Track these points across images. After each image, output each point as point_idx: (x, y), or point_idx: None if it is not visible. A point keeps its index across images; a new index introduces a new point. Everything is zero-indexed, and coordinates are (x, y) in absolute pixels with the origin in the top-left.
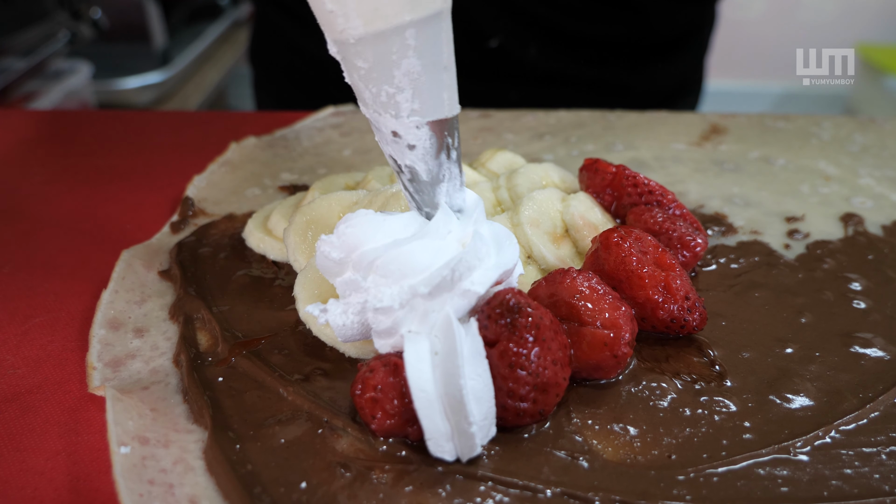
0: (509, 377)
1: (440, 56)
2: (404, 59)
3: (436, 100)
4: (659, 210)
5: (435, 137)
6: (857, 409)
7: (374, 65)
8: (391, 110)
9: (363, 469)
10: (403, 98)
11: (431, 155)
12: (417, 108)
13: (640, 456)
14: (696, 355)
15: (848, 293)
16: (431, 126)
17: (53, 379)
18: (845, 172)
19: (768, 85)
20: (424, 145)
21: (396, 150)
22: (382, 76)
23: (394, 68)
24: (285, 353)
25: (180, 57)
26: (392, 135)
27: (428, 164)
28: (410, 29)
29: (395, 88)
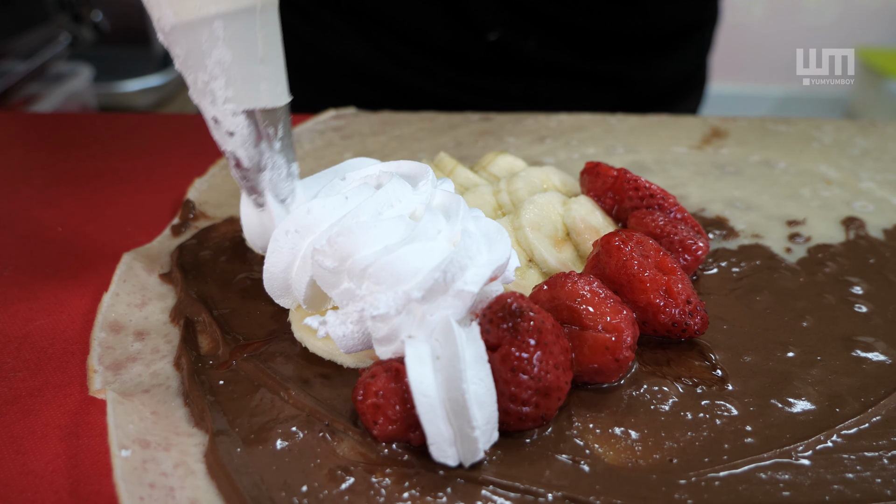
0: (511, 381)
1: (254, 49)
2: (214, 48)
3: (251, 89)
4: (660, 213)
5: (253, 126)
6: (858, 414)
7: (188, 53)
8: (208, 97)
9: (365, 473)
10: (217, 86)
11: (251, 143)
12: (231, 96)
13: (641, 460)
14: (698, 359)
15: (849, 297)
16: (248, 115)
17: (54, 382)
18: (846, 176)
19: (769, 88)
20: (242, 133)
21: (218, 135)
22: (196, 64)
23: (205, 57)
24: (286, 356)
25: None
26: (213, 121)
27: (248, 152)
28: (218, 21)
29: (208, 76)
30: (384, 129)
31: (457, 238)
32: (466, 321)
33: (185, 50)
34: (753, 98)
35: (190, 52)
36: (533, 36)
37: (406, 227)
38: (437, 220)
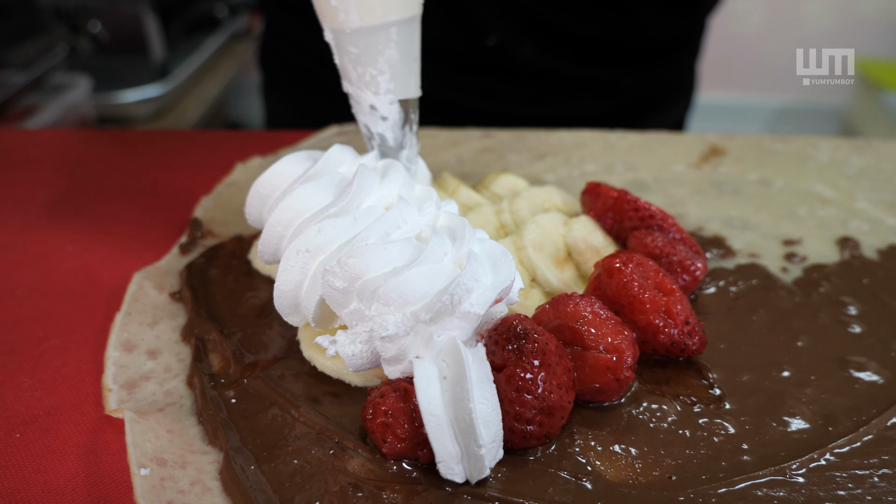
0: (516, 401)
1: (413, 50)
2: (387, 48)
3: (406, 83)
4: (660, 234)
5: (402, 112)
6: (850, 433)
7: (363, 51)
8: (372, 88)
9: (375, 490)
10: (383, 79)
11: (398, 126)
12: (392, 88)
13: (641, 477)
14: (696, 378)
15: (843, 317)
16: (401, 103)
17: (70, 401)
18: (842, 196)
19: (766, 99)
20: (394, 118)
21: (371, 120)
22: (368, 60)
23: (378, 55)
24: (296, 375)
25: (179, 70)
26: (370, 108)
27: (395, 133)
28: (394, 27)
29: (377, 71)
30: None
31: (463, 260)
32: (472, 342)
33: (360, 49)
34: (750, 109)
35: (365, 51)
36: (529, 41)
37: (413, 250)
38: (443, 243)
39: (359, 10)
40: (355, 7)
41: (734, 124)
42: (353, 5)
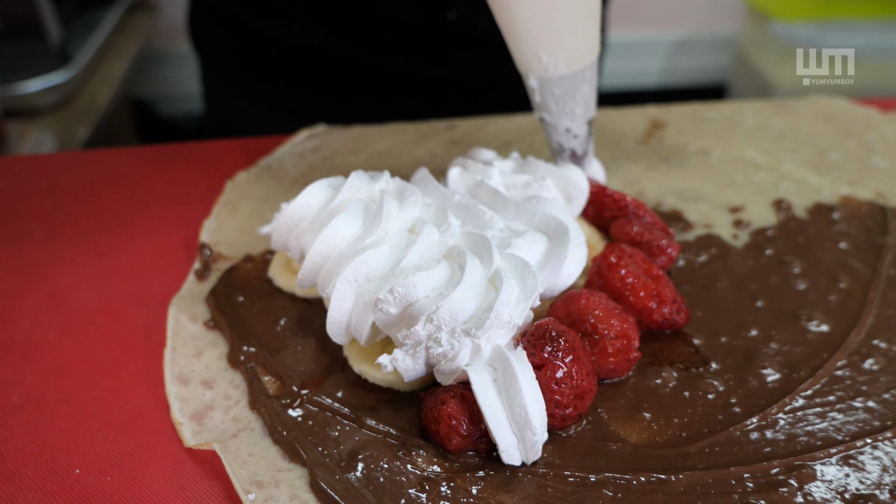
0: (556, 391)
1: (596, 80)
2: (583, 85)
3: (592, 106)
4: (636, 221)
5: (589, 129)
6: (810, 377)
7: (566, 91)
8: (569, 117)
9: (447, 481)
10: (578, 109)
11: (586, 139)
12: (583, 114)
13: (658, 437)
14: (684, 346)
15: (789, 276)
16: (588, 123)
17: (145, 439)
18: (770, 159)
19: (664, 33)
20: (583, 134)
21: (566, 138)
22: (568, 97)
23: (577, 92)
24: (347, 387)
25: (80, 52)
26: (566, 130)
27: (583, 146)
28: (589, 69)
29: (574, 104)
30: (360, 147)
31: (495, 277)
32: (511, 346)
33: (563, 90)
34: (651, 44)
35: (567, 91)
36: (484, 13)
37: (452, 273)
38: (475, 263)
39: (566, 63)
40: (564, 62)
41: (635, 61)
42: (562, 60)
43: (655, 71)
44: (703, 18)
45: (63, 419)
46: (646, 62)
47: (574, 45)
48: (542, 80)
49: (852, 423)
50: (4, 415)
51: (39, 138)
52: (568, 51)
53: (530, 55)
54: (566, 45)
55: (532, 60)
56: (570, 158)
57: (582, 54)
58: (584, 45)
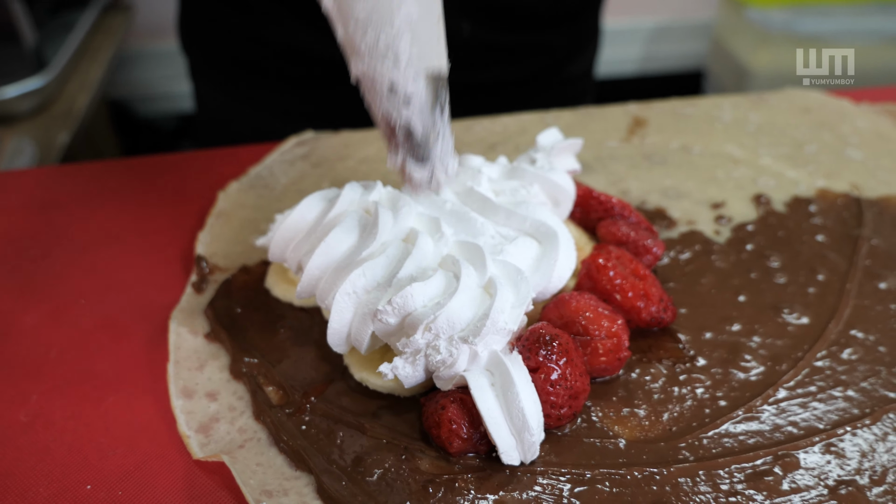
0: (551, 393)
1: (435, 6)
2: (403, 4)
3: (431, 49)
4: (622, 222)
5: (430, 90)
6: (792, 368)
7: (373, 9)
8: (390, 59)
9: (449, 482)
10: (402, 44)
11: (427, 109)
12: (415, 55)
13: (649, 433)
14: (671, 342)
15: (769, 271)
16: (427, 79)
17: (154, 453)
18: (748, 154)
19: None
20: (420, 98)
21: (393, 106)
22: (381, 20)
23: (393, 14)
24: (348, 394)
25: (56, 56)
26: (389, 89)
27: (423, 119)
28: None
29: (395, 33)
30: (348, 152)
31: (489, 285)
32: (507, 350)
33: (370, 7)
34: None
35: (375, 8)
36: (467, 20)
37: (448, 282)
38: (470, 272)
39: None
40: None
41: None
42: None
43: (634, 58)
44: (680, 5)
45: (71, 436)
46: (625, 50)
47: None
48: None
49: (833, 411)
50: (13, 434)
51: (18, 145)
52: None
53: None
54: None
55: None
56: (406, 146)
57: None
58: None
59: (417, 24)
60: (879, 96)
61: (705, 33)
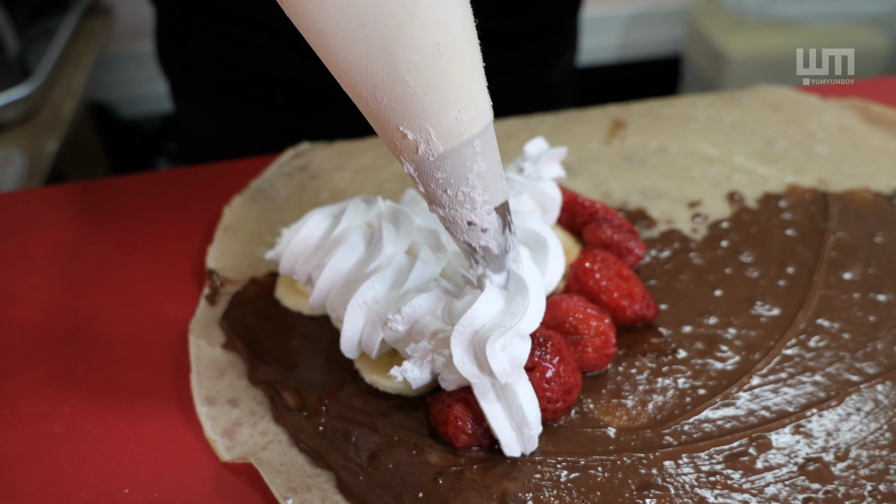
0: (547, 389)
1: (496, 154)
2: (475, 163)
3: (497, 189)
4: (606, 225)
5: (500, 218)
6: (764, 357)
7: (452, 173)
8: (468, 205)
9: (457, 473)
10: (477, 194)
11: (499, 232)
12: (487, 199)
13: (636, 421)
14: (653, 336)
15: (743, 266)
16: (497, 210)
17: (183, 457)
18: (722, 152)
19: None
20: (494, 226)
21: (472, 235)
22: (459, 180)
23: (468, 172)
24: (360, 396)
25: (40, 64)
26: (468, 224)
27: (498, 241)
28: (477, 140)
29: (469, 188)
30: (345, 163)
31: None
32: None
33: (448, 171)
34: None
35: (453, 172)
36: None
37: (451, 294)
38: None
39: (440, 136)
40: (436, 134)
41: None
42: (433, 134)
43: (613, 46)
44: None
45: (106, 444)
46: (603, 38)
47: (446, 112)
48: (417, 163)
49: (801, 395)
50: (51, 445)
51: (7, 155)
52: (438, 120)
53: (391, 132)
54: (431, 113)
55: (396, 139)
56: (484, 260)
57: (461, 122)
58: (462, 109)
59: (487, 174)
60: (846, 91)
61: (682, 19)
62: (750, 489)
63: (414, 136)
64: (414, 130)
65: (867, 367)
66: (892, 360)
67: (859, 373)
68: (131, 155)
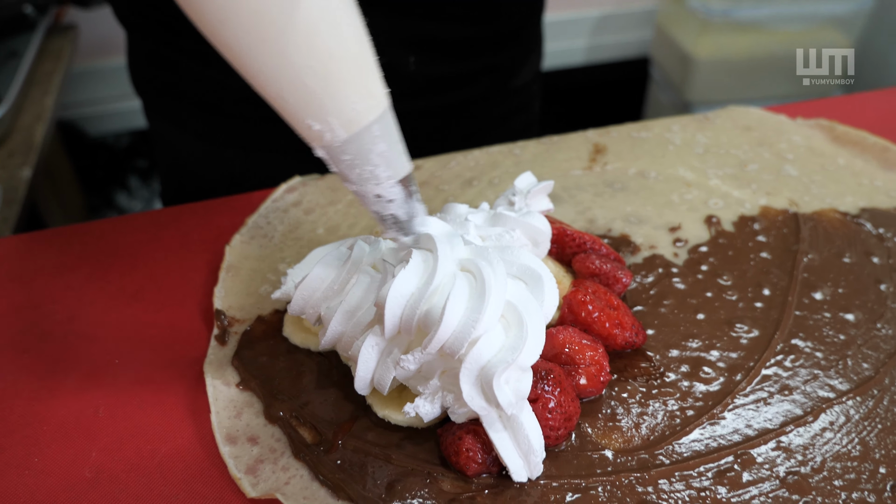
0: (549, 419)
1: (395, 134)
2: (375, 145)
3: (399, 163)
4: (595, 255)
5: (403, 189)
6: (745, 378)
7: (356, 155)
8: (373, 181)
9: (469, 499)
10: (381, 170)
11: (405, 201)
12: (391, 174)
13: (631, 443)
14: (642, 361)
15: (722, 289)
16: (401, 182)
17: (212, 495)
18: (698, 176)
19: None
20: (399, 197)
21: (380, 206)
22: (363, 160)
23: (370, 153)
24: (373, 430)
25: (9, 88)
26: (375, 196)
27: (403, 209)
28: (375, 125)
29: (373, 166)
30: (337, 196)
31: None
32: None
33: (353, 154)
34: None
35: (357, 154)
36: (412, 55)
37: None
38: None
39: (342, 125)
40: (338, 124)
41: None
42: (335, 124)
43: (581, 48)
44: None
45: (136, 486)
46: (571, 42)
47: (344, 105)
48: (328, 149)
49: (780, 413)
50: (83, 489)
51: None
52: (338, 112)
53: (301, 125)
54: (331, 107)
55: (305, 130)
56: (394, 226)
57: (358, 112)
58: (359, 101)
59: (387, 153)
60: (813, 110)
61: (649, 21)
62: (737, 503)
63: (320, 127)
64: (319, 122)
65: (839, 384)
66: (861, 376)
67: (832, 389)
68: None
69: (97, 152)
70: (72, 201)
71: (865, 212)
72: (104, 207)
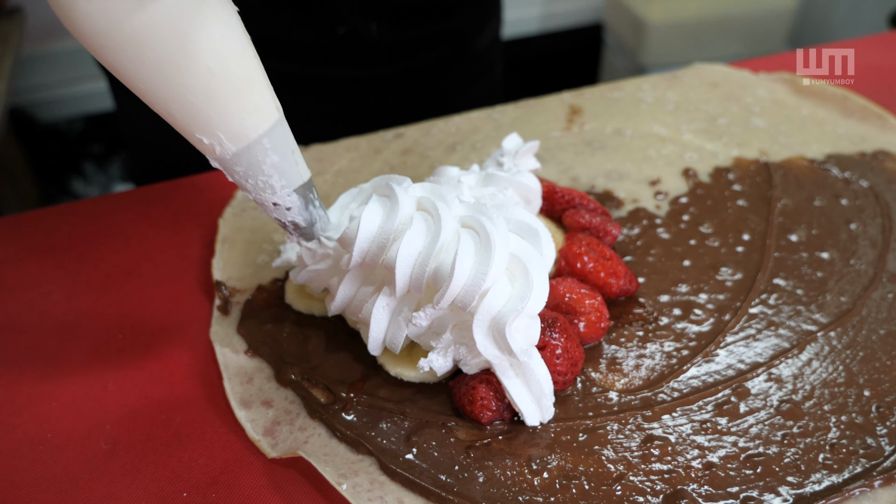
0: (557, 364)
1: (288, 145)
2: (266, 157)
3: (294, 173)
4: (584, 210)
5: (301, 198)
6: (733, 317)
7: (248, 167)
8: (268, 191)
9: (485, 445)
10: (275, 181)
11: (303, 208)
12: (285, 184)
13: (633, 384)
14: (636, 307)
15: (704, 236)
16: (297, 192)
17: (232, 458)
18: (672, 132)
19: None
20: (296, 205)
21: (279, 213)
22: (255, 171)
23: (262, 164)
24: (385, 387)
25: None
26: (273, 205)
27: (303, 216)
28: (265, 138)
29: (266, 177)
30: (323, 167)
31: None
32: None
33: (245, 166)
34: None
35: (249, 166)
36: (374, 21)
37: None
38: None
39: (230, 140)
40: (227, 139)
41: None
42: (223, 139)
43: (535, 17)
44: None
45: (154, 454)
46: (525, 10)
47: (230, 120)
48: (220, 160)
49: (769, 347)
50: (100, 461)
51: None
52: (225, 128)
53: (192, 139)
54: (218, 122)
55: (197, 144)
56: (296, 232)
57: (246, 127)
58: (245, 116)
59: (280, 164)
60: (773, 65)
61: None
62: (737, 432)
63: (209, 141)
64: (208, 136)
65: (821, 318)
66: (841, 309)
67: (815, 323)
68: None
69: (49, 139)
70: (26, 190)
71: (831, 158)
72: (60, 195)
